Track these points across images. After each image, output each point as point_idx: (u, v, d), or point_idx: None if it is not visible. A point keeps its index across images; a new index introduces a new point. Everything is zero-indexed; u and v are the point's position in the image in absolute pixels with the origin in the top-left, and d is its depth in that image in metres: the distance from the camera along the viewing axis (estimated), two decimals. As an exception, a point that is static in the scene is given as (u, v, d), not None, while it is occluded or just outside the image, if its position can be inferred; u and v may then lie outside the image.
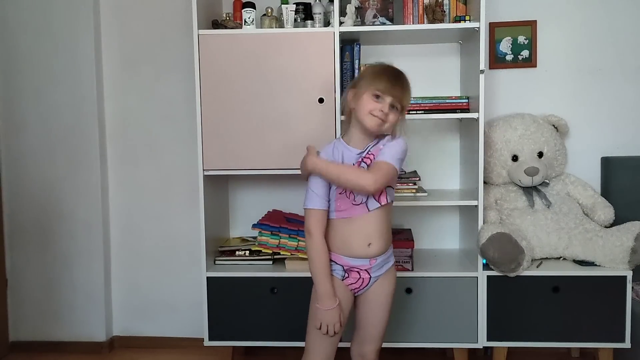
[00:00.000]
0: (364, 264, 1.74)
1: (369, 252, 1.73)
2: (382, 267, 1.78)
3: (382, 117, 1.66)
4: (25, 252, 2.69)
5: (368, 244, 1.72)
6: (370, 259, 1.74)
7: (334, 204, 1.72)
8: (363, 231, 1.71)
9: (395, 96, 1.67)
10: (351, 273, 1.75)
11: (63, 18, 2.59)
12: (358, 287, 1.77)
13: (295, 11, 2.28)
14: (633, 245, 2.14)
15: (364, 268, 1.74)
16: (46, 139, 2.64)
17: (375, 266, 1.76)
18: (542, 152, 2.38)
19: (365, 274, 1.75)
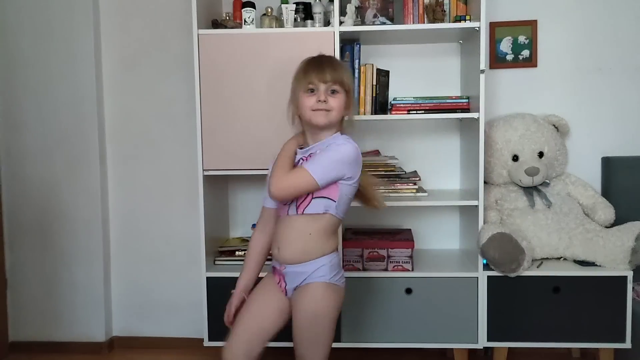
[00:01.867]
0: (278, 266, 1.68)
1: (277, 256, 1.66)
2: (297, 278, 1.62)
3: (323, 107, 1.57)
4: (25, 252, 2.69)
5: (277, 247, 1.65)
6: (281, 264, 1.65)
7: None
8: (278, 234, 1.66)
9: (328, 80, 1.57)
10: (275, 273, 1.71)
11: (63, 18, 2.58)
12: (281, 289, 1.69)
13: (295, 11, 2.27)
14: (634, 245, 2.13)
15: (279, 270, 1.67)
16: (46, 138, 2.64)
17: (288, 274, 1.64)
18: (543, 152, 2.38)
19: (281, 280, 1.67)
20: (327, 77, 1.57)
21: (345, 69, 1.63)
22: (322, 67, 1.59)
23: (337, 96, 1.60)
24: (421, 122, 2.54)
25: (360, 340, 2.25)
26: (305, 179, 1.53)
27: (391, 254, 2.25)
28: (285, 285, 1.66)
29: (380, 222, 2.56)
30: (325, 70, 1.58)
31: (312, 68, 1.60)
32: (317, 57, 1.65)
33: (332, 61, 1.63)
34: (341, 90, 1.60)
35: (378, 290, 2.23)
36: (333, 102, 1.59)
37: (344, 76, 1.60)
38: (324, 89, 1.58)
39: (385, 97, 2.42)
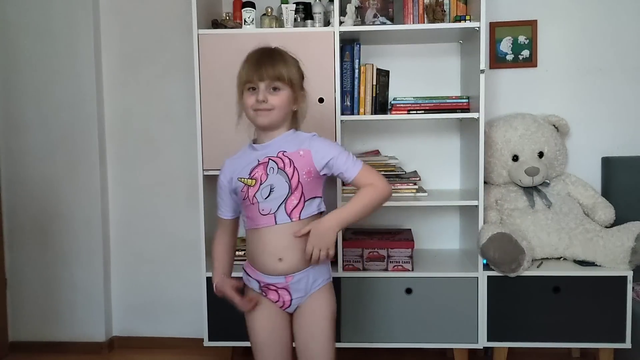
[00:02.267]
0: (280, 282, 1.53)
1: (279, 269, 1.51)
2: (305, 284, 1.54)
3: (263, 107, 1.48)
4: (25, 251, 2.69)
5: (278, 259, 1.51)
6: (286, 277, 1.52)
7: (244, 213, 1.58)
8: (271, 245, 1.51)
9: (267, 76, 1.47)
10: (268, 292, 1.56)
11: (63, 18, 2.58)
12: (282, 306, 1.57)
13: (295, 11, 2.27)
14: (633, 245, 2.13)
15: (280, 286, 1.54)
16: (46, 138, 2.64)
17: (294, 284, 1.53)
18: (543, 152, 2.38)
19: (284, 293, 1.54)
20: (264, 75, 1.47)
21: (287, 62, 1.52)
22: (259, 64, 1.49)
23: (279, 93, 1.49)
24: (421, 122, 2.54)
25: (360, 340, 2.25)
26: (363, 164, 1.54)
27: (391, 254, 2.25)
28: (290, 299, 1.55)
29: (380, 222, 2.56)
30: (262, 67, 1.48)
31: (250, 65, 1.50)
32: (255, 52, 1.55)
33: (271, 55, 1.52)
34: (283, 86, 1.49)
35: (378, 290, 2.23)
36: (274, 100, 1.49)
37: (284, 70, 1.49)
38: (263, 87, 1.48)
39: (385, 97, 2.42)
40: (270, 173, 1.50)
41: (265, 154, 1.53)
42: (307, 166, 1.50)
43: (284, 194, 1.49)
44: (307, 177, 1.50)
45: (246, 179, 1.52)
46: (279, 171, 1.49)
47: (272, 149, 1.53)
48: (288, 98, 1.51)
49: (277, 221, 1.50)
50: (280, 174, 1.49)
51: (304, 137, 1.54)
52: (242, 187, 1.53)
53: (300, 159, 1.50)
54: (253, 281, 1.58)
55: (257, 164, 1.52)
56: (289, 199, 1.50)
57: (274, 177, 1.49)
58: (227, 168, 1.61)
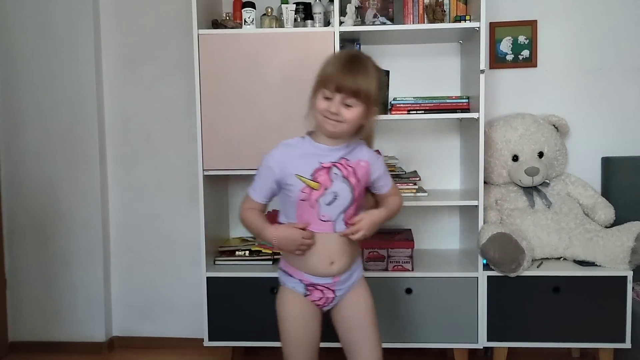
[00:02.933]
0: (327, 282, 1.57)
1: (331, 271, 1.55)
2: (348, 283, 1.61)
3: (334, 118, 1.45)
4: (25, 252, 2.69)
5: (330, 262, 1.54)
6: (334, 277, 1.57)
7: (293, 211, 1.53)
8: (326, 250, 1.53)
9: (344, 90, 1.42)
10: (314, 291, 1.59)
11: (63, 18, 2.58)
12: (323, 304, 1.62)
13: (295, 11, 2.27)
14: (633, 245, 2.14)
15: (327, 286, 1.58)
16: (46, 138, 2.63)
17: (339, 283, 1.59)
18: (543, 152, 2.38)
19: (329, 292, 1.59)
20: (342, 88, 1.43)
21: (368, 76, 1.46)
22: (342, 74, 1.43)
23: (352, 109, 1.45)
24: (421, 122, 2.54)
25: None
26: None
27: (391, 254, 2.25)
28: (333, 297, 1.60)
29: (380, 222, 2.55)
30: (343, 78, 1.43)
31: (333, 70, 1.45)
32: (342, 57, 1.49)
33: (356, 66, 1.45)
34: (358, 102, 1.45)
35: (378, 290, 2.21)
36: (346, 115, 1.45)
37: (364, 85, 1.44)
38: (338, 99, 1.44)
39: (385, 97, 2.42)
40: (335, 180, 1.49)
41: (329, 157, 1.51)
42: (365, 177, 1.55)
43: (346, 204, 1.52)
44: (364, 188, 1.57)
45: (309, 181, 1.48)
46: (343, 180, 1.50)
47: (335, 155, 1.51)
48: (360, 114, 1.47)
49: (336, 229, 1.53)
50: (344, 183, 1.50)
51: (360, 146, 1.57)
52: (303, 187, 1.49)
53: (361, 169, 1.54)
54: (295, 281, 1.59)
55: (320, 167, 1.49)
56: (349, 209, 1.53)
57: (338, 185, 1.50)
58: (281, 152, 1.53)
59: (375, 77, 1.47)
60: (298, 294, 1.59)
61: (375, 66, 1.51)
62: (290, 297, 1.60)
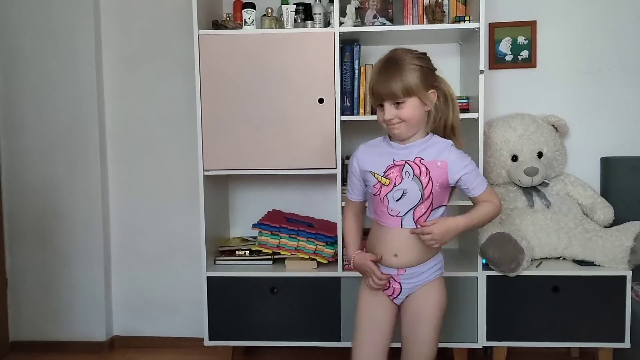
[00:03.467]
0: (392, 272, 1.64)
1: (394, 262, 1.62)
2: (418, 278, 1.64)
3: (393, 123, 1.53)
4: (25, 252, 2.69)
5: (394, 254, 1.61)
6: (398, 269, 1.63)
7: (370, 204, 1.67)
8: (392, 242, 1.61)
9: (385, 97, 1.51)
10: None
11: (63, 18, 2.59)
12: (391, 295, 1.67)
13: (295, 11, 2.28)
14: (632, 245, 2.14)
15: (392, 277, 1.64)
16: (46, 138, 2.64)
17: (405, 276, 1.64)
18: (542, 152, 2.38)
19: (395, 283, 1.65)
20: (383, 96, 1.52)
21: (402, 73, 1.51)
22: (378, 83, 1.52)
23: (403, 106, 1.52)
24: (421, 122, 2.54)
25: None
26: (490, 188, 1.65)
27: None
28: (400, 288, 1.64)
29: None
30: (380, 86, 1.52)
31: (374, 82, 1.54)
32: (378, 65, 1.57)
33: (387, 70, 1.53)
34: (404, 99, 1.51)
35: (378, 290, 2.23)
36: (403, 114, 1.52)
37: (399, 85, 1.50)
38: (388, 105, 1.52)
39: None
40: (405, 177, 1.55)
41: (403, 155, 1.57)
42: (441, 177, 1.55)
43: (415, 201, 1.56)
44: (440, 188, 1.56)
45: (380, 177, 1.58)
46: (414, 178, 1.55)
47: (409, 153, 1.57)
48: (414, 107, 1.53)
49: (403, 225, 1.59)
50: (414, 181, 1.55)
51: (442, 145, 1.58)
52: (375, 182, 1.59)
53: (437, 169, 1.55)
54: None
55: (393, 164, 1.57)
56: (418, 207, 1.57)
57: (408, 183, 1.55)
58: (361, 154, 1.66)
59: (412, 68, 1.52)
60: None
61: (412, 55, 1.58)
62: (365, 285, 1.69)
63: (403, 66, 1.52)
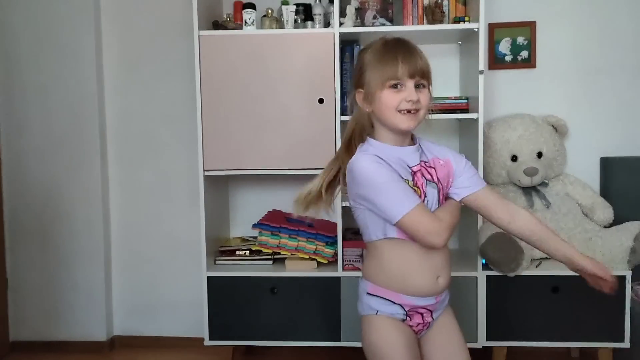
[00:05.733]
0: (429, 303, 1.35)
1: (437, 287, 1.34)
2: (444, 304, 1.42)
3: (414, 108, 1.28)
4: (26, 252, 2.70)
5: (437, 277, 1.33)
6: (437, 296, 1.36)
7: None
8: (431, 260, 1.32)
9: (417, 70, 1.26)
10: (414, 315, 1.36)
11: (64, 19, 2.59)
12: (420, 331, 1.41)
13: (296, 12, 2.28)
14: (632, 245, 2.14)
15: (429, 308, 1.36)
16: (47, 139, 2.65)
17: (440, 303, 1.39)
18: (542, 153, 2.39)
19: (428, 315, 1.37)
20: (416, 67, 1.26)
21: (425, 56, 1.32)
22: (406, 57, 1.26)
23: (424, 91, 1.30)
24: (421, 122, 2.54)
25: (359, 340, 2.25)
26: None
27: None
28: (431, 320, 1.39)
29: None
30: (411, 60, 1.26)
31: (393, 58, 1.26)
32: (393, 43, 1.31)
33: (414, 47, 1.30)
34: (427, 83, 1.31)
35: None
36: (423, 99, 1.29)
37: (426, 62, 1.30)
38: (411, 85, 1.27)
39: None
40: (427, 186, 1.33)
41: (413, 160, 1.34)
42: (448, 177, 1.37)
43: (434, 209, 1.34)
44: (447, 189, 1.37)
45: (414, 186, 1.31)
46: (429, 183, 1.33)
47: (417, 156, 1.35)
48: (430, 95, 1.32)
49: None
50: (431, 186, 1.33)
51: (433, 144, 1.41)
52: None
53: (442, 169, 1.36)
54: (396, 308, 1.35)
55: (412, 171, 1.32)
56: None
57: (430, 191, 1.34)
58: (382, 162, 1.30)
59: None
60: (397, 320, 1.36)
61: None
62: (390, 325, 1.35)
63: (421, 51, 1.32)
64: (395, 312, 1.35)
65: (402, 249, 1.33)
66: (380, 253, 1.36)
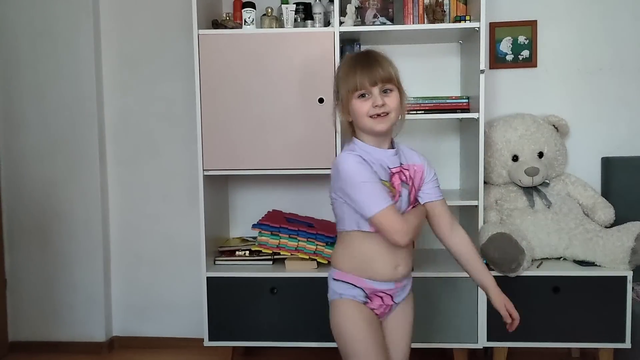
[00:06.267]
0: (389, 288, 1.50)
1: (396, 275, 1.50)
2: (405, 289, 1.57)
3: (382, 112, 1.42)
4: (25, 252, 2.69)
5: (396, 266, 1.49)
6: (396, 282, 1.51)
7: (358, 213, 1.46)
8: (393, 253, 1.47)
9: (379, 78, 1.41)
10: (374, 298, 1.51)
11: (63, 18, 2.59)
12: (381, 313, 1.54)
13: (296, 11, 2.28)
14: (633, 245, 2.14)
15: (389, 292, 1.51)
16: (46, 139, 2.64)
17: (400, 289, 1.54)
18: (543, 152, 2.38)
19: (389, 299, 1.52)
20: (377, 75, 1.41)
21: (392, 64, 1.46)
22: (369, 66, 1.42)
23: (392, 95, 1.44)
24: (421, 122, 2.54)
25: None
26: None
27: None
28: (392, 304, 1.54)
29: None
30: (373, 69, 1.41)
31: (357, 70, 1.43)
32: (357, 57, 1.48)
33: (377, 56, 1.46)
34: (394, 87, 1.45)
35: (378, 290, 2.23)
36: (391, 103, 1.43)
37: (393, 72, 1.44)
38: (377, 92, 1.42)
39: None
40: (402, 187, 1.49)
41: (393, 162, 1.49)
42: (421, 181, 1.53)
43: (404, 209, 1.50)
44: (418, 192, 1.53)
45: (390, 186, 1.46)
46: (404, 184, 1.49)
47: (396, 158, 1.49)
48: (399, 98, 1.46)
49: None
50: (404, 187, 1.49)
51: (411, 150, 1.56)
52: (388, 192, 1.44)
53: (417, 174, 1.52)
54: (357, 290, 1.50)
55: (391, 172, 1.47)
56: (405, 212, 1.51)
57: (403, 190, 1.49)
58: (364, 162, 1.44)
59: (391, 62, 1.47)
60: (358, 302, 1.50)
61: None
62: (352, 306, 1.50)
63: (386, 58, 1.47)
64: (357, 294, 1.50)
65: (370, 240, 1.48)
66: (350, 242, 1.51)
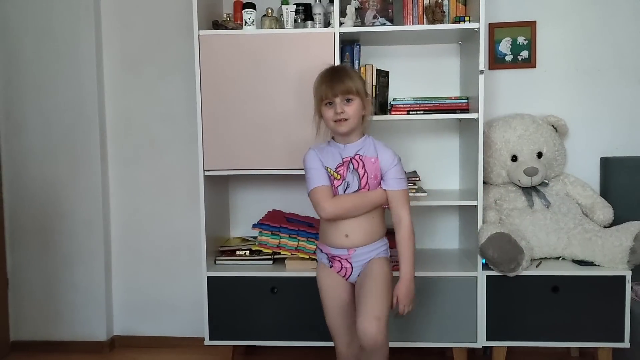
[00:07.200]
0: (343, 253, 1.85)
1: (345, 243, 1.84)
2: (366, 256, 1.85)
3: (342, 117, 1.77)
4: (26, 251, 2.70)
5: (345, 235, 1.84)
6: (349, 249, 1.84)
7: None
8: (342, 225, 1.83)
9: (340, 90, 1.76)
10: (334, 261, 1.88)
11: (64, 19, 2.59)
12: (345, 275, 1.88)
13: (296, 12, 2.28)
14: (632, 245, 2.14)
15: (343, 257, 1.86)
16: (47, 139, 2.65)
17: (356, 255, 1.85)
18: (542, 153, 2.39)
19: (346, 263, 1.86)
20: (339, 87, 1.77)
21: (352, 77, 1.80)
22: (333, 79, 1.79)
23: (352, 104, 1.79)
24: (421, 122, 2.55)
25: (360, 340, 2.26)
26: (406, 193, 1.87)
27: (391, 254, 2.26)
28: (351, 267, 1.86)
29: (380, 222, 2.56)
30: (335, 82, 1.78)
31: (325, 81, 1.80)
32: (326, 72, 1.84)
33: (339, 73, 1.81)
34: (354, 97, 1.79)
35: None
36: (349, 110, 1.78)
37: (352, 84, 1.78)
38: (338, 101, 1.78)
39: (385, 98, 2.43)
40: (348, 172, 1.83)
41: (347, 153, 1.84)
42: (375, 171, 1.82)
43: (355, 189, 1.83)
44: (374, 180, 1.83)
45: (334, 172, 1.83)
46: (353, 171, 1.82)
47: (351, 151, 1.84)
48: (359, 106, 1.80)
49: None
50: (353, 174, 1.82)
51: (378, 145, 1.85)
52: (330, 177, 1.84)
53: (371, 165, 1.82)
54: (323, 255, 1.91)
55: (342, 162, 1.83)
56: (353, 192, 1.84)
57: (350, 176, 1.83)
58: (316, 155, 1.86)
59: (357, 76, 1.83)
60: (326, 265, 1.91)
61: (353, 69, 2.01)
62: (321, 269, 1.93)
63: (351, 73, 1.83)
64: (324, 259, 1.92)
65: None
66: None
